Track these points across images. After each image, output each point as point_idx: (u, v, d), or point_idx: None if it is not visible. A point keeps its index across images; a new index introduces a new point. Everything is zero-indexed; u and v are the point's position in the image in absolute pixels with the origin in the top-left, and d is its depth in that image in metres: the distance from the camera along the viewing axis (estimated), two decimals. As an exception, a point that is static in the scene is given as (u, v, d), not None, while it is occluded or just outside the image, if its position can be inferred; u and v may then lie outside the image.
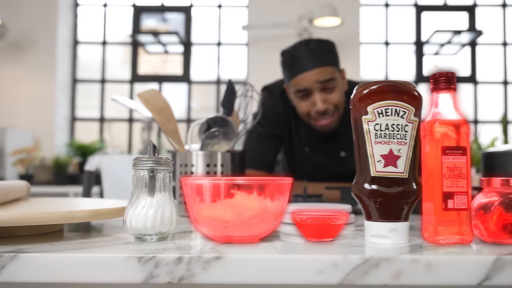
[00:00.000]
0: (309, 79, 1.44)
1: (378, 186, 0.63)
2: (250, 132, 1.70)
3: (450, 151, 0.63)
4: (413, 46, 3.84)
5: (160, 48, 3.98)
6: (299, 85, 1.46)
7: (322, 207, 0.88)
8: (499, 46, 3.84)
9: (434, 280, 0.53)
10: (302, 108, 1.51)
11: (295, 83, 1.47)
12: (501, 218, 0.63)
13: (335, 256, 0.54)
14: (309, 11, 3.18)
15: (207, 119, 1.06)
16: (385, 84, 0.65)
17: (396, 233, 0.63)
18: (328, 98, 1.46)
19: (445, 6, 3.87)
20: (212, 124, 1.06)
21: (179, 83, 3.93)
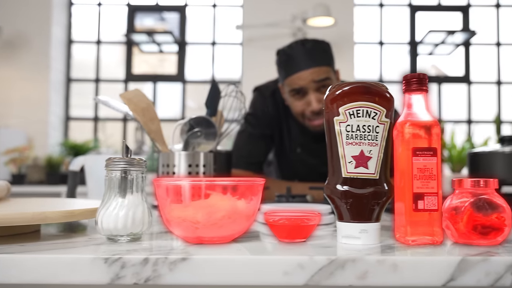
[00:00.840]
0: (305, 78, 1.44)
1: (349, 187, 0.64)
2: (240, 132, 1.71)
3: (420, 152, 0.64)
4: (407, 46, 3.84)
5: (154, 47, 3.97)
6: (295, 84, 1.46)
7: (299, 208, 0.88)
8: (492, 46, 3.85)
9: (400, 280, 0.53)
10: (297, 107, 1.51)
11: (290, 82, 1.47)
12: (471, 219, 0.63)
13: (301, 257, 0.54)
14: (303, 11, 3.18)
15: (190, 119, 1.06)
16: (357, 86, 0.65)
17: (367, 233, 0.63)
18: (323, 98, 1.47)
19: (439, 6, 3.87)
20: (195, 124, 1.06)
21: (174, 83, 3.93)
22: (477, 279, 0.53)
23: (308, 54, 1.46)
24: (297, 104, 1.50)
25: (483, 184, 0.64)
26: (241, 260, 0.54)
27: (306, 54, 1.46)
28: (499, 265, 0.53)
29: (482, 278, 0.53)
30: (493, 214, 0.63)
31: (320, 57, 1.47)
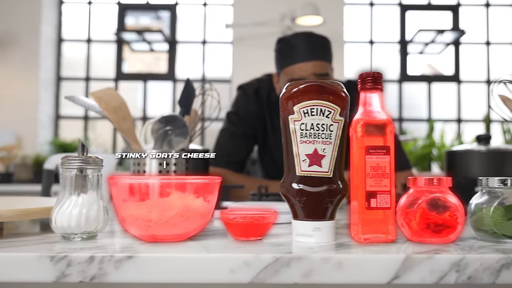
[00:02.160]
0: (307, 70, 1.42)
1: (303, 186, 0.64)
2: (222, 130, 1.71)
3: (373, 151, 0.64)
4: (397, 45, 3.85)
5: (145, 46, 3.97)
6: (295, 74, 1.44)
7: (262, 206, 0.88)
8: (482, 46, 3.86)
9: (345, 278, 0.54)
10: None
11: (290, 71, 1.45)
12: (424, 217, 0.64)
13: (247, 255, 0.54)
14: (292, 10, 3.18)
15: (160, 117, 1.06)
16: (311, 84, 0.65)
17: (319, 232, 0.63)
18: None
19: (429, 5, 3.88)
20: (166, 123, 1.06)
21: (165, 81, 3.93)
22: (422, 277, 0.54)
23: (312, 47, 1.45)
24: None
25: (437, 183, 0.65)
26: (186, 258, 0.54)
27: (310, 46, 1.45)
28: (443, 263, 0.54)
29: (426, 275, 0.54)
30: (446, 212, 0.64)
31: (323, 52, 1.47)
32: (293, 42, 1.47)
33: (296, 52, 1.45)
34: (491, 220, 0.63)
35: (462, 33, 3.64)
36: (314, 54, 1.44)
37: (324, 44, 1.49)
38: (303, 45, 1.45)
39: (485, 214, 0.64)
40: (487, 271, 0.54)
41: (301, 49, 1.44)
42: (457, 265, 0.54)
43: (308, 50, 1.44)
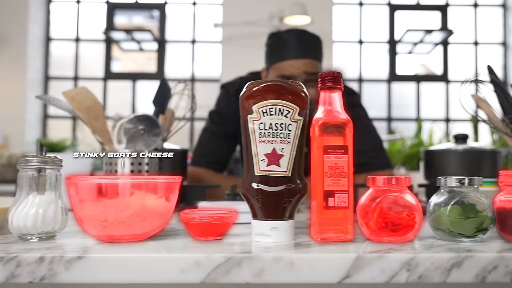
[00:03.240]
0: (298, 67, 1.41)
1: (261, 185, 0.64)
2: (204, 129, 1.70)
3: (331, 150, 0.64)
4: (386, 44, 3.86)
5: (134, 45, 3.96)
6: (285, 70, 1.42)
7: (229, 206, 0.88)
8: (470, 45, 3.88)
9: (296, 278, 0.54)
10: None
11: (281, 67, 1.44)
12: (381, 216, 0.64)
13: (198, 255, 0.54)
14: (280, 9, 3.18)
15: (133, 117, 1.06)
16: (270, 84, 0.65)
17: (277, 231, 0.63)
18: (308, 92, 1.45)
19: (418, 5, 3.89)
20: (138, 122, 1.06)
21: (154, 81, 3.92)
22: (372, 276, 0.54)
23: (305, 45, 1.44)
24: None
25: (395, 182, 0.65)
26: (137, 258, 0.54)
27: (303, 44, 1.44)
28: (394, 262, 0.54)
29: (377, 275, 0.54)
30: (404, 212, 0.64)
31: (315, 51, 1.46)
32: (285, 38, 1.46)
33: (288, 49, 1.43)
34: (448, 219, 0.63)
35: (450, 33, 3.66)
36: (306, 52, 1.43)
37: (317, 43, 1.49)
38: (296, 42, 1.44)
39: (443, 213, 0.64)
40: (438, 270, 0.54)
41: (293, 46, 1.43)
42: (408, 264, 0.54)
43: (301, 47, 1.43)
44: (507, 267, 0.54)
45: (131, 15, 4.29)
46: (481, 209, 0.64)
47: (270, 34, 1.53)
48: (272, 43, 1.50)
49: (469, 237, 0.63)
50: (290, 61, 1.42)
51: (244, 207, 0.67)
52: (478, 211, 0.64)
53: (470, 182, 0.65)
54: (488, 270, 0.54)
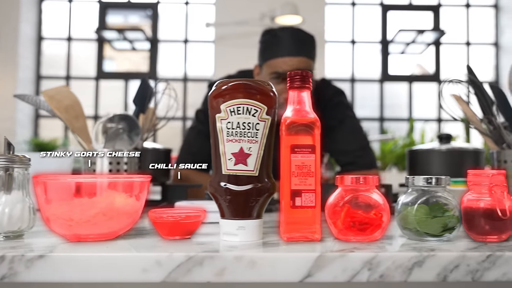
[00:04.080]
0: (292, 65, 1.40)
1: (228, 184, 0.64)
2: (191, 128, 1.70)
3: (299, 149, 0.64)
4: (379, 45, 3.86)
5: (127, 45, 3.95)
6: (279, 67, 1.41)
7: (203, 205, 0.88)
8: (462, 46, 3.89)
9: (258, 277, 0.54)
10: None
11: (274, 64, 1.43)
12: (348, 216, 0.64)
13: (159, 254, 0.54)
14: (271, 9, 3.18)
15: (112, 116, 1.05)
16: (238, 83, 0.65)
17: (244, 230, 0.63)
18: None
19: (411, 5, 3.90)
20: (117, 121, 1.05)
21: (146, 81, 3.90)
22: (334, 275, 0.54)
23: (299, 43, 1.44)
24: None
25: (363, 181, 0.65)
26: (98, 257, 0.54)
27: (298, 42, 1.44)
28: (355, 261, 0.54)
29: (339, 274, 0.54)
30: (371, 211, 0.64)
31: (309, 50, 1.46)
32: (280, 35, 1.45)
33: (283, 46, 1.43)
34: (414, 219, 0.63)
35: (443, 33, 3.67)
36: (301, 50, 1.43)
37: (311, 42, 1.49)
38: (291, 40, 1.43)
39: (409, 213, 0.64)
40: (399, 269, 0.54)
41: (288, 44, 1.42)
42: (370, 263, 0.54)
43: (295, 45, 1.43)
44: (468, 266, 0.54)
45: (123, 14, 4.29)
46: (448, 208, 0.64)
47: (265, 31, 1.53)
48: (267, 40, 1.49)
49: (435, 236, 0.63)
50: (284, 58, 1.41)
51: (212, 207, 0.67)
52: (445, 210, 0.64)
53: (438, 181, 0.65)
54: (449, 269, 0.54)
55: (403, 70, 4.00)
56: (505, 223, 0.63)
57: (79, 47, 4.01)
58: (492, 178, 0.63)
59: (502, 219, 0.62)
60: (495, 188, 0.63)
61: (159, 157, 1.34)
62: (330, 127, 1.62)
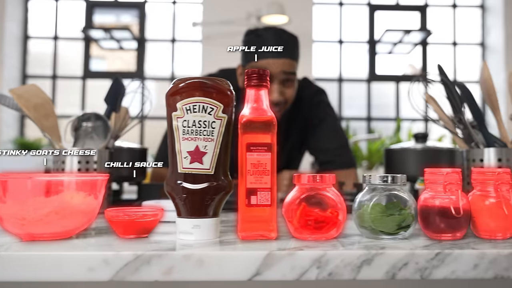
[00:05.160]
0: (276, 66, 1.40)
1: (184, 183, 0.63)
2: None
3: (254, 148, 0.64)
4: (366, 44, 3.87)
5: (114, 44, 3.93)
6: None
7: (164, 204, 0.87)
8: (449, 46, 3.91)
9: (206, 276, 0.53)
10: None
11: (258, 65, 1.41)
12: (304, 214, 0.64)
13: (107, 253, 0.53)
14: (258, 9, 3.18)
15: (80, 115, 1.05)
16: (193, 81, 0.65)
17: (199, 229, 0.63)
18: (284, 92, 1.45)
19: (398, 5, 3.91)
20: (86, 120, 1.05)
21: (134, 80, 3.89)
22: (283, 274, 0.54)
23: (284, 44, 1.43)
24: None
25: (320, 180, 0.65)
26: (45, 256, 0.53)
27: (282, 43, 1.43)
28: (304, 259, 0.54)
29: (287, 272, 0.54)
30: (327, 209, 0.64)
31: (293, 51, 1.46)
32: (264, 36, 1.45)
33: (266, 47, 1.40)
34: (369, 217, 0.63)
35: (429, 33, 3.68)
36: (285, 51, 1.42)
37: (295, 42, 1.48)
38: (274, 41, 1.43)
39: (365, 211, 0.64)
40: (348, 267, 0.54)
41: (272, 44, 1.41)
42: (318, 261, 0.54)
43: (279, 46, 1.42)
44: (417, 264, 0.54)
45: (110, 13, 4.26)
46: (404, 206, 0.64)
47: (248, 31, 1.52)
48: (250, 40, 1.48)
49: (390, 235, 0.63)
50: (267, 60, 1.40)
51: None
52: (401, 208, 0.64)
53: (393, 179, 0.65)
54: (398, 267, 0.54)
55: (391, 70, 4.01)
56: (459, 221, 0.63)
57: (66, 46, 3.99)
58: (447, 176, 0.64)
59: (456, 217, 0.62)
60: (449, 186, 0.63)
61: (135, 156, 1.33)
62: (311, 125, 1.63)
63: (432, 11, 3.90)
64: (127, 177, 1.29)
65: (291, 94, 1.47)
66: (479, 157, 1.00)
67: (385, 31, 3.64)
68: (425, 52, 3.86)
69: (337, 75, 3.85)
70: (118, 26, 3.99)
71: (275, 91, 1.41)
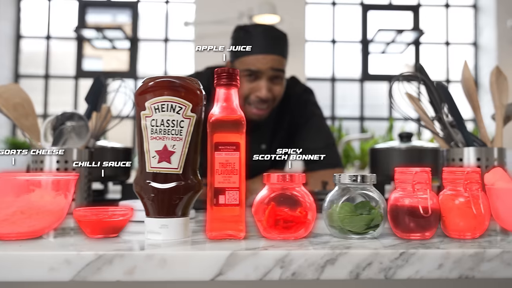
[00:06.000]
0: (265, 63, 1.39)
1: (152, 182, 0.63)
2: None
3: (223, 147, 0.63)
4: (359, 44, 3.87)
5: (107, 43, 3.92)
6: (251, 65, 1.39)
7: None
8: (442, 46, 3.91)
9: (168, 276, 0.53)
10: (244, 89, 1.43)
11: (247, 61, 1.40)
12: (273, 214, 0.63)
13: (68, 253, 0.53)
14: (249, 8, 3.18)
15: (59, 114, 1.04)
16: (162, 80, 0.65)
17: (167, 229, 0.62)
18: (273, 89, 1.44)
19: (391, 5, 3.91)
20: (65, 119, 1.04)
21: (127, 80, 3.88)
22: (246, 273, 0.53)
23: (274, 40, 1.43)
24: (245, 86, 1.43)
25: (289, 179, 0.65)
26: (7, 256, 0.53)
27: (271, 39, 1.42)
28: (268, 259, 0.54)
29: (250, 272, 0.53)
30: (297, 209, 0.64)
31: (282, 48, 1.45)
32: (253, 32, 1.44)
33: (255, 43, 1.40)
34: (338, 216, 0.63)
35: (422, 33, 3.69)
36: (274, 48, 1.42)
37: (284, 40, 1.48)
38: (263, 37, 1.42)
39: (334, 210, 0.64)
40: (312, 267, 0.54)
41: (261, 41, 1.41)
42: (282, 261, 0.53)
43: (268, 43, 1.41)
44: (381, 264, 0.54)
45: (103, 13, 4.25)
46: (373, 206, 0.64)
47: (237, 27, 1.51)
48: (238, 36, 1.47)
49: (359, 234, 0.63)
50: (257, 56, 1.39)
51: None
52: (371, 208, 0.64)
53: (363, 179, 0.65)
54: (362, 267, 0.54)
55: (384, 69, 4.01)
56: (428, 220, 0.63)
57: (59, 46, 3.97)
58: (416, 176, 0.63)
59: (424, 216, 0.62)
60: (418, 185, 0.63)
61: (118, 155, 1.33)
62: (298, 124, 1.62)
63: (425, 11, 3.90)
64: (110, 176, 1.29)
65: (279, 91, 1.47)
66: (459, 156, 1.00)
67: (378, 31, 3.64)
68: (418, 52, 3.87)
69: (330, 75, 3.85)
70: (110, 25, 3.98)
71: (263, 88, 1.41)
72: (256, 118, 1.47)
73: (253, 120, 1.50)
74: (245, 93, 1.44)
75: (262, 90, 1.41)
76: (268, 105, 1.45)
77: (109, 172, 1.25)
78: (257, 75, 1.41)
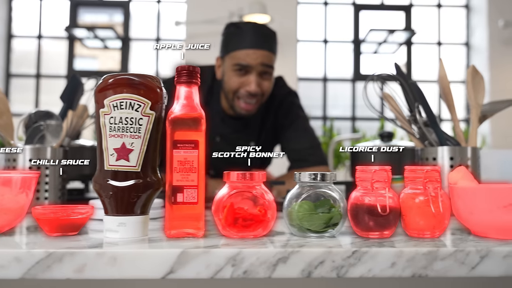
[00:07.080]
0: (255, 57, 1.40)
1: (111, 180, 0.63)
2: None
3: (181, 145, 0.63)
4: (351, 44, 3.88)
5: (98, 43, 3.91)
6: (242, 60, 1.41)
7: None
8: (434, 46, 3.92)
9: (119, 274, 0.53)
10: (234, 83, 1.45)
11: (237, 56, 1.42)
12: (231, 212, 0.63)
13: (18, 251, 0.53)
14: (240, 8, 3.18)
15: (33, 113, 1.04)
16: (121, 78, 0.64)
17: (125, 227, 0.62)
18: (262, 84, 1.45)
19: (383, 5, 3.92)
20: (38, 118, 1.04)
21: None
22: (197, 272, 0.53)
23: (264, 37, 1.44)
24: (235, 80, 1.45)
25: (249, 178, 0.64)
26: (-46, 254, 0.53)
27: (262, 35, 1.44)
28: (219, 257, 0.53)
29: (202, 270, 0.53)
30: (256, 207, 0.64)
31: (272, 45, 1.46)
32: (243, 28, 1.45)
33: (246, 38, 1.42)
34: (297, 215, 0.63)
35: (414, 33, 3.69)
36: (265, 44, 1.43)
37: (274, 37, 1.49)
38: (254, 33, 1.43)
39: (293, 209, 0.64)
40: (263, 265, 0.53)
41: (251, 36, 1.42)
42: (233, 259, 0.53)
43: (259, 38, 1.43)
44: (333, 262, 0.54)
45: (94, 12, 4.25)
46: (333, 204, 0.64)
47: (228, 24, 1.52)
48: (230, 32, 1.48)
49: (318, 233, 0.63)
50: (247, 51, 1.41)
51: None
52: (331, 206, 0.64)
53: (323, 177, 0.65)
54: (314, 265, 0.54)
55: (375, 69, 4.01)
56: (387, 219, 0.63)
57: (50, 45, 3.97)
58: (375, 174, 0.63)
59: (382, 215, 0.62)
60: (377, 184, 0.63)
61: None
62: (283, 126, 1.63)
63: (417, 11, 3.91)
64: (89, 175, 1.28)
65: (268, 86, 1.48)
66: (432, 155, 1.00)
67: (370, 31, 3.64)
68: (410, 52, 3.87)
69: (321, 75, 3.85)
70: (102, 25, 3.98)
71: (253, 82, 1.42)
72: (245, 113, 1.49)
73: (242, 115, 1.51)
74: (234, 87, 1.45)
75: (251, 84, 1.42)
76: (257, 100, 1.46)
77: (87, 170, 1.25)
78: (247, 69, 1.42)
